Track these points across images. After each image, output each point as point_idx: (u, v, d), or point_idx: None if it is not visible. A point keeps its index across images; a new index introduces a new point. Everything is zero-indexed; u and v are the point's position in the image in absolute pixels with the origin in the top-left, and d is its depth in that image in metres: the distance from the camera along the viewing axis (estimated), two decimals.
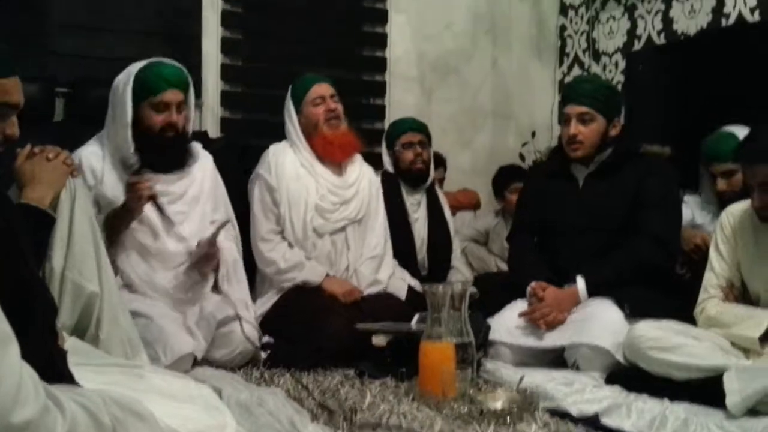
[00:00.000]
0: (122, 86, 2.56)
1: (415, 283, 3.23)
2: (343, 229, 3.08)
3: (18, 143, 1.96)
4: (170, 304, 2.55)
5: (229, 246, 2.76)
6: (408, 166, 3.53)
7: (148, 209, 2.53)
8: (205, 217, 2.72)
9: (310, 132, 3.06)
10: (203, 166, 2.77)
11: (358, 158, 3.21)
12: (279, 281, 2.94)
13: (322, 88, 3.08)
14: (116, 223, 2.49)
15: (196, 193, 2.71)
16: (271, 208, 3.00)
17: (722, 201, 2.91)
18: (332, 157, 3.08)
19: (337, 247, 3.06)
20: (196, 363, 2.41)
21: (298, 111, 3.08)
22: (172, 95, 2.57)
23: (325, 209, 3.03)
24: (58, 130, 3.28)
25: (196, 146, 2.78)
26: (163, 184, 2.58)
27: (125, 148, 2.55)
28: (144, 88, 2.54)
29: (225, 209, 2.83)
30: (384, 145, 3.65)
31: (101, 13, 3.74)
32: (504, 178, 4.16)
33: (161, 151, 2.58)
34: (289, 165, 3.03)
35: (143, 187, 2.44)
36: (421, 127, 3.60)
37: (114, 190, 2.53)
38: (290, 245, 2.98)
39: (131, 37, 3.79)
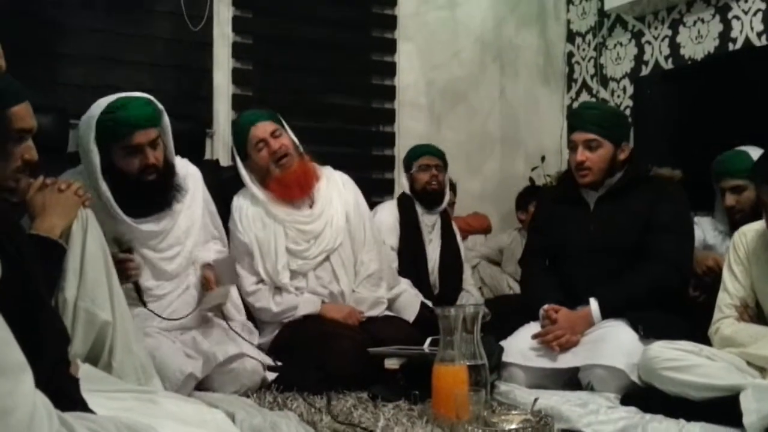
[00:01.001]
0: (85, 133, 2.40)
1: (428, 302, 3.23)
2: (326, 260, 2.98)
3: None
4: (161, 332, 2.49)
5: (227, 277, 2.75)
6: (423, 186, 3.67)
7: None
8: (198, 242, 2.67)
9: (263, 177, 2.94)
10: (192, 183, 2.68)
11: (321, 184, 3.01)
12: (279, 320, 2.89)
13: (259, 130, 2.90)
14: None
15: (188, 223, 2.64)
16: (248, 261, 2.90)
17: (733, 220, 2.92)
18: (291, 197, 2.93)
19: (326, 280, 2.96)
20: (206, 389, 2.40)
21: (244, 158, 2.95)
22: (142, 137, 2.38)
23: (299, 251, 2.93)
24: (71, 160, 3.31)
25: (182, 167, 2.65)
26: (151, 224, 2.51)
27: (103, 198, 2.39)
28: (110, 135, 2.37)
29: (218, 228, 2.83)
30: (402, 168, 3.82)
31: (113, 44, 3.79)
32: (529, 192, 4.28)
33: (143, 195, 2.46)
34: (252, 216, 2.92)
35: (131, 267, 2.35)
36: (438, 153, 3.77)
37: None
38: (278, 288, 2.91)
39: (143, 69, 3.84)
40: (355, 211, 3.06)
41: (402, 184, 3.80)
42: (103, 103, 2.41)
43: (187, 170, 2.69)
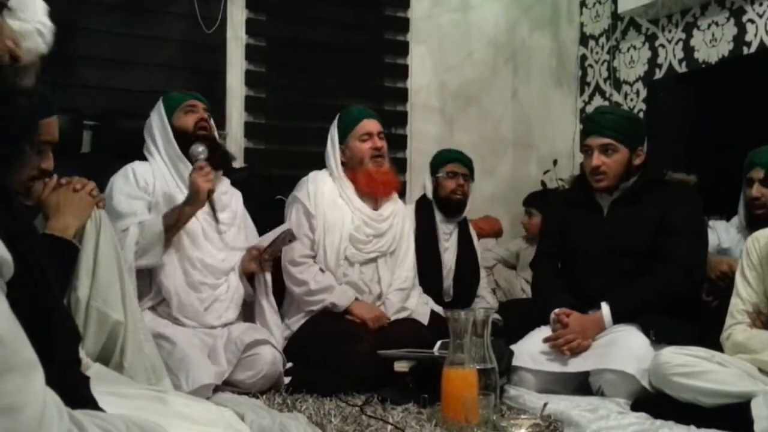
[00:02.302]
0: (155, 109, 2.83)
1: (439, 309, 3.23)
2: (374, 260, 3.10)
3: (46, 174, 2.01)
4: (198, 328, 2.59)
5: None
6: (448, 194, 3.61)
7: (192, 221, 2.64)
8: (237, 241, 2.81)
9: (353, 165, 3.10)
10: (237, 198, 2.91)
11: (394, 195, 3.24)
12: (308, 303, 2.96)
13: (371, 125, 3.12)
14: (173, 222, 2.58)
15: (232, 215, 2.83)
16: (307, 232, 3.02)
17: (752, 214, 2.89)
18: (374, 192, 3.11)
19: (367, 277, 3.08)
20: (218, 387, 2.42)
21: (343, 142, 3.11)
22: (195, 102, 2.83)
23: (358, 240, 3.06)
24: (85, 161, 3.33)
25: (226, 181, 2.92)
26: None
27: (172, 150, 2.73)
28: (172, 101, 2.82)
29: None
30: (429, 170, 3.73)
31: (127, 46, 3.81)
32: (532, 197, 4.29)
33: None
34: (327, 193, 3.07)
35: (209, 172, 2.59)
36: (468, 162, 3.69)
37: (168, 202, 2.66)
38: (321, 270, 3.00)
39: (157, 70, 3.86)
40: (407, 232, 3.27)
41: (425, 186, 3.73)
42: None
43: (228, 186, 2.91)
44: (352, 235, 3.04)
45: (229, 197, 2.87)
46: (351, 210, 3.07)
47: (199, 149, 2.66)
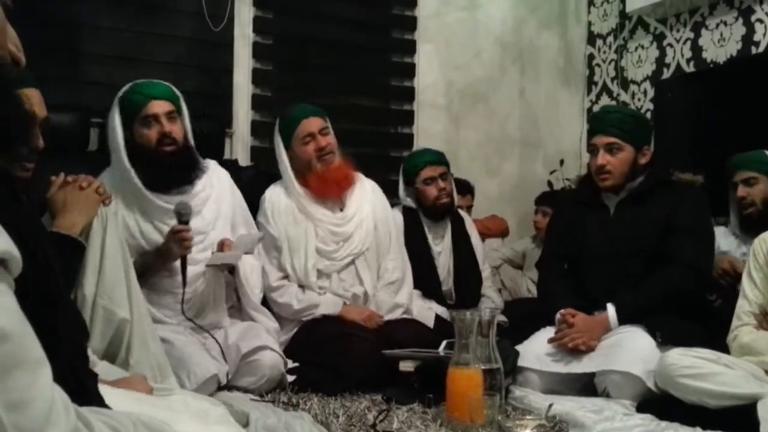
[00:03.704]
0: (110, 115, 2.55)
1: (442, 311, 3.21)
2: (350, 263, 3.00)
3: (53, 172, 2.02)
4: (190, 331, 2.54)
5: (253, 264, 2.76)
6: (432, 202, 3.41)
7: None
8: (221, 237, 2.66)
9: (302, 170, 2.96)
10: (219, 181, 2.72)
11: (356, 186, 3.07)
12: (298, 318, 2.90)
13: (311, 124, 2.94)
14: (148, 267, 2.46)
15: (212, 215, 2.66)
16: (275, 255, 2.93)
17: (744, 215, 2.98)
18: (329, 194, 2.98)
19: (348, 283, 2.98)
20: (222, 388, 2.42)
21: (288, 147, 2.97)
22: (157, 107, 2.52)
23: (327, 251, 2.96)
24: (93, 159, 3.34)
25: (209, 162, 2.73)
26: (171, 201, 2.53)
27: (126, 176, 2.49)
28: (129, 108, 2.52)
29: (247, 227, 2.81)
30: (401, 179, 3.51)
31: (134, 43, 3.83)
32: (542, 197, 4.29)
33: (164, 166, 2.52)
34: (284, 211, 2.94)
35: (186, 238, 2.41)
36: (439, 159, 3.48)
37: (129, 230, 2.49)
38: (301, 286, 2.93)
39: (164, 68, 3.86)
40: (382, 218, 3.10)
41: (402, 198, 3.49)
42: (126, 86, 2.59)
43: (213, 168, 2.73)
44: (318, 248, 2.93)
45: (198, 201, 2.61)
46: (313, 222, 2.95)
47: (184, 210, 2.43)
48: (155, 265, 2.50)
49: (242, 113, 4.12)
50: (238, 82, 4.11)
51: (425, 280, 3.35)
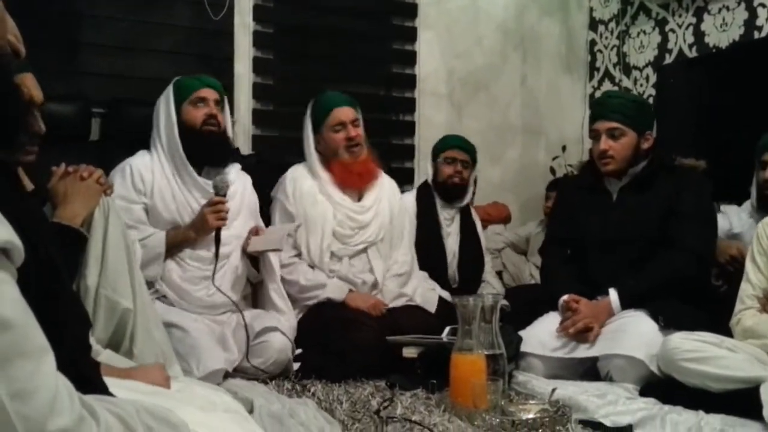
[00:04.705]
0: (164, 96, 2.74)
1: (446, 295, 3.24)
2: (363, 251, 3.06)
3: (54, 163, 2.02)
4: (207, 317, 2.59)
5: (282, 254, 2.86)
6: (445, 179, 3.59)
7: None
8: (244, 228, 2.77)
9: (328, 156, 3.03)
10: (243, 183, 2.85)
11: (377, 181, 3.16)
12: (304, 299, 2.93)
13: (344, 113, 3.01)
14: (175, 243, 2.59)
15: (237, 206, 2.75)
16: (290, 232, 2.95)
17: (763, 205, 2.87)
18: (351, 185, 3.05)
19: (357, 269, 3.03)
20: (228, 374, 2.43)
21: (317, 132, 3.04)
22: (207, 92, 2.73)
23: (343, 235, 3.01)
24: (94, 149, 3.34)
25: (236, 164, 2.86)
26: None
27: (174, 147, 2.66)
28: (182, 90, 2.72)
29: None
30: (430, 156, 3.73)
31: (135, 33, 3.81)
32: (552, 183, 4.28)
33: (206, 143, 2.69)
34: (306, 190, 3.00)
35: (222, 210, 2.55)
36: (468, 148, 3.66)
37: (165, 203, 2.63)
38: (311, 266, 2.98)
39: (165, 58, 3.85)
40: (398, 214, 3.19)
41: (426, 172, 3.77)
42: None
43: (240, 172, 2.86)
44: (335, 230, 2.99)
45: (235, 188, 2.77)
46: (332, 205, 3.00)
47: (222, 183, 2.59)
48: (189, 238, 2.61)
49: (243, 102, 4.12)
50: (238, 71, 4.10)
51: (433, 260, 3.42)
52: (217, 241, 2.58)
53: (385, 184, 3.20)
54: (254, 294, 2.89)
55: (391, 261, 3.12)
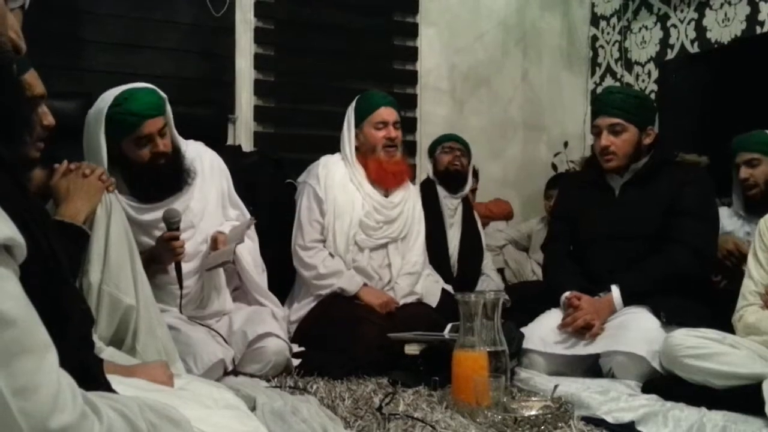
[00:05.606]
0: (93, 126, 2.36)
1: (449, 288, 3.29)
2: (384, 245, 3.11)
3: (56, 160, 2.02)
4: (198, 321, 2.53)
5: (251, 246, 2.72)
6: (445, 166, 3.76)
7: None
8: (213, 224, 2.61)
9: (365, 151, 3.11)
10: (202, 165, 2.62)
11: (407, 182, 3.26)
12: (317, 287, 2.98)
13: (388, 113, 3.10)
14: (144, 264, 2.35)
15: (200, 206, 2.59)
16: (317, 217, 3.04)
17: (747, 196, 2.99)
18: (383, 183, 3.12)
19: (376, 263, 3.09)
20: (229, 373, 2.43)
21: (358, 126, 3.11)
22: (151, 126, 2.37)
23: (368, 226, 3.07)
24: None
25: (196, 148, 2.63)
26: (159, 212, 2.44)
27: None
28: (120, 128, 2.34)
29: (239, 208, 2.76)
30: (427, 154, 3.94)
31: (137, 30, 3.82)
32: (553, 179, 4.29)
33: (156, 180, 2.43)
34: (338, 178, 3.07)
35: (177, 246, 2.37)
36: (462, 141, 3.87)
37: None
38: (331, 255, 3.01)
39: (166, 55, 3.86)
40: (418, 218, 3.27)
41: (426, 169, 3.91)
42: (108, 96, 2.37)
43: (198, 152, 2.64)
44: (362, 221, 3.05)
45: (184, 201, 2.52)
46: (362, 195, 3.07)
47: (173, 219, 2.37)
48: (149, 269, 2.32)
49: (245, 99, 4.12)
50: (240, 68, 4.10)
51: (436, 252, 3.47)
52: (179, 273, 2.43)
53: (411, 188, 3.29)
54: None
55: (405, 260, 3.17)
